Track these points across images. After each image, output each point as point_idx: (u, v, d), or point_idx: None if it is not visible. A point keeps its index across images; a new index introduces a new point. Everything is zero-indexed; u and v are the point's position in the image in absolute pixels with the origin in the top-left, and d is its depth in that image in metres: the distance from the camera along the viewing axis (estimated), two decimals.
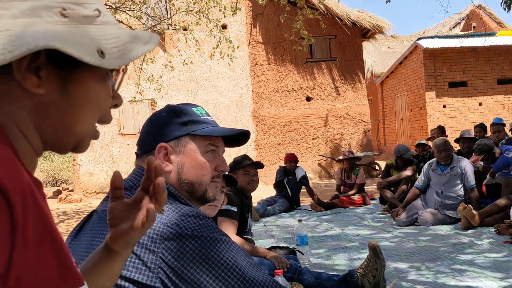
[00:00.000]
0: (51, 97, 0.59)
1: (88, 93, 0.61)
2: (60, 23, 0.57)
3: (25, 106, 0.58)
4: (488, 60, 13.28)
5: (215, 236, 1.09)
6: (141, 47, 0.63)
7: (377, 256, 2.97)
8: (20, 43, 0.52)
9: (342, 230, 5.11)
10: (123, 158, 11.07)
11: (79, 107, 0.61)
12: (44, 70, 0.57)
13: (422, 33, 20.65)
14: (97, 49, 0.57)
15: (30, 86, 0.57)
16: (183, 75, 11.25)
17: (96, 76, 0.62)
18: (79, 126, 0.62)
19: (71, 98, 0.60)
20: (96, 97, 0.63)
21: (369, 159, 11.25)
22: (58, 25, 0.56)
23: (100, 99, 0.64)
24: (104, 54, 0.58)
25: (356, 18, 11.68)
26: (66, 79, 0.59)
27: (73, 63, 0.58)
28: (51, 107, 0.59)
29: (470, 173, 5.08)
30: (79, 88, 0.60)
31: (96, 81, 0.62)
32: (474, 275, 3.15)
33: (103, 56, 0.58)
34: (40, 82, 0.57)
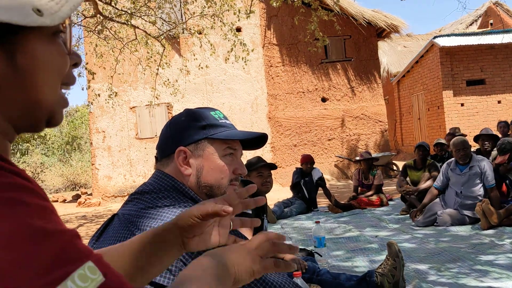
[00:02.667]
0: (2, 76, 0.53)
1: (38, 58, 0.55)
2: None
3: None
4: (507, 57, 13.08)
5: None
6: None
7: (396, 255, 2.95)
8: None
9: (360, 231, 5.08)
10: (141, 162, 11.17)
11: (34, 76, 0.55)
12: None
13: (438, 32, 20.43)
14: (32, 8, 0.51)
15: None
16: (198, 79, 11.32)
17: (42, 38, 0.56)
18: (42, 95, 0.56)
19: (23, 69, 0.54)
20: (50, 60, 0.57)
21: (387, 160, 11.16)
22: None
23: (55, 61, 0.57)
24: (42, 11, 0.52)
25: (371, 18, 11.61)
26: (10, 50, 0.53)
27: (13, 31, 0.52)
28: (6, 86, 0.53)
29: (490, 172, 5.01)
30: (27, 56, 0.54)
31: (44, 43, 0.56)
32: (496, 276, 3.11)
33: (40, 14, 0.52)
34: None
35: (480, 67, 13.04)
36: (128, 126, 11.25)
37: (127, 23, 7.51)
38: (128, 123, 11.25)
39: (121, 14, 7.55)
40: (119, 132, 11.20)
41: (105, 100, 9.54)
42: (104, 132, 11.14)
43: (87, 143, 20.83)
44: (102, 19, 7.52)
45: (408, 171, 6.61)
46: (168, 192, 1.18)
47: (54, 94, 0.58)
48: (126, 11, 7.50)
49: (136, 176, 11.16)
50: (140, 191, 1.21)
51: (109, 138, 11.16)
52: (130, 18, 7.50)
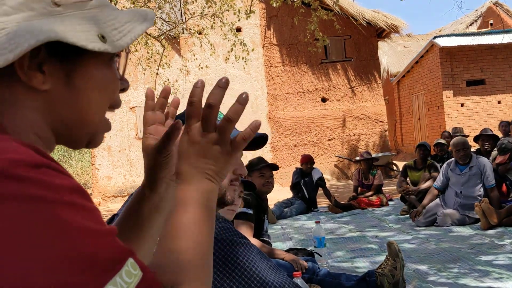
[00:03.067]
0: (57, 92, 0.56)
1: (93, 81, 0.59)
2: (55, 12, 0.55)
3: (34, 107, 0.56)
4: (506, 57, 13.08)
5: (235, 239, 1.10)
6: (140, 25, 0.61)
7: (396, 255, 2.95)
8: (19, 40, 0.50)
9: (360, 232, 5.08)
10: (141, 162, 11.16)
11: (87, 97, 0.58)
12: (47, 65, 0.55)
13: (438, 32, 20.43)
14: (97, 34, 0.55)
15: (36, 83, 0.54)
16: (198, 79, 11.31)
17: (99, 62, 0.59)
18: (90, 116, 0.60)
19: (78, 89, 0.57)
20: (103, 84, 0.60)
21: (387, 160, 11.16)
22: (53, 16, 0.54)
23: (107, 85, 0.61)
24: (105, 38, 0.56)
25: (371, 18, 11.61)
26: (69, 70, 0.57)
27: (75, 52, 0.55)
28: (59, 101, 0.57)
29: (490, 172, 5.01)
30: (84, 77, 0.58)
31: (101, 67, 0.60)
32: (496, 276, 3.11)
33: (104, 40, 0.55)
34: (44, 78, 0.55)
35: (480, 67, 13.04)
36: (128, 126, 11.25)
37: None
38: (128, 123, 11.25)
39: None
40: (119, 132, 11.20)
41: None
42: None
43: None
44: None
45: (408, 171, 6.61)
46: None
47: (101, 116, 0.62)
48: None
49: (136, 176, 11.16)
50: None
51: (109, 138, 11.16)
52: None
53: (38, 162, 0.45)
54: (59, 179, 0.45)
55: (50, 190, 0.44)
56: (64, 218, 0.43)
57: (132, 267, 0.47)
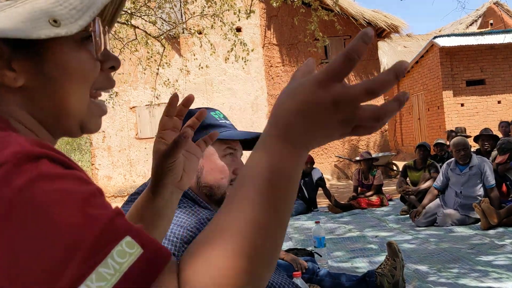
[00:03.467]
0: (32, 85, 0.55)
1: (65, 66, 0.56)
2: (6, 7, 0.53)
3: (17, 103, 0.56)
4: (506, 57, 13.07)
5: None
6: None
7: (396, 255, 2.95)
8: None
9: (360, 232, 5.07)
10: (141, 162, 11.17)
11: (61, 84, 0.57)
12: (14, 61, 0.54)
13: (438, 32, 20.43)
14: (48, 19, 0.53)
15: (9, 82, 0.54)
16: (198, 79, 11.31)
17: (69, 45, 0.57)
18: (71, 104, 0.58)
19: (50, 78, 0.56)
20: (77, 68, 0.57)
21: (387, 160, 11.16)
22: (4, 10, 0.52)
23: (82, 67, 0.58)
24: (58, 21, 0.53)
25: (371, 18, 11.61)
26: (37, 61, 0.55)
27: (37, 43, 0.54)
28: (37, 95, 0.56)
29: (490, 172, 5.01)
30: (54, 65, 0.56)
31: (71, 50, 0.57)
32: (496, 276, 3.10)
33: (57, 24, 0.53)
34: (16, 74, 0.54)
35: (480, 67, 13.04)
36: (128, 126, 11.25)
37: (127, 23, 7.51)
38: (128, 123, 11.25)
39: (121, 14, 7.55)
40: (119, 132, 11.19)
41: (106, 100, 9.52)
42: (104, 132, 11.13)
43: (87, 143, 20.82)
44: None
45: (408, 171, 6.61)
46: None
47: (82, 101, 0.59)
48: (126, 11, 7.50)
49: (136, 176, 11.16)
50: (140, 191, 1.21)
51: (109, 138, 11.16)
52: (130, 18, 7.50)
53: (38, 153, 0.45)
54: (57, 168, 0.46)
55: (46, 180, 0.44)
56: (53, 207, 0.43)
57: (128, 246, 0.45)
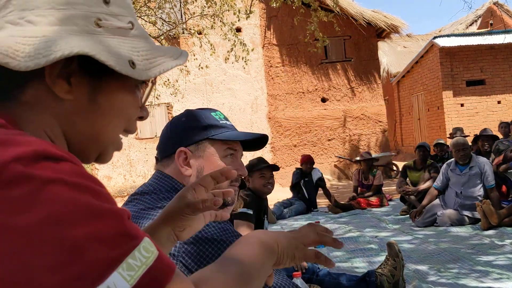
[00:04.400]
0: (79, 104, 0.59)
1: (116, 102, 0.62)
2: (95, 32, 0.58)
3: (54, 113, 0.59)
4: (506, 57, 13.07)
5: (234, 240, 1.10)
6: (171, 61, 0.64)
7: (396, 255, 2.95)
8: (54, 48, 0.53)
9: (360, 232, 5.07)
10: (141, 162, 11.17)
11: (106, 116, 0.62)
12: (75, 77, 0.58)
13: (438, 32, 20.43)
14: (128, 60, 0.58)
15: (60, 91, 0.57)
16: (198, 79, 11.32)
17: (125, 87, 0.63)
18: (105, 135, 0.63)
19: (99, 106, 0.61)
20: (124, 107, 0.64)
21: (387, 160, 11.16)
22: (93, 34, 0.58)
23: (128, 109, 0.64)
24: (135, 65, 0.59)
25: (371, 18, 11.61)
26: (95, 87, 0.60)
27: (104, 72, 0.59)
28: (79, 114, 0.60)
29: (490, 172, 5.02)
30: (108, 97, 0.61)
31: (125, 92, 0.63)
32: (496, 276, 3.11)
33: (133, 67, 0.59)
34: (70, 88, 0.58)
35: (480, 67, 13.04)
36: None
37: None
38: None
39: None
40: None
41: None
42: None
43: None
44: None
45: (408, 172, 6.61)
46: (168, 193, 1.18)
47: (114, 136, 0.65)
48: None
49: (136, 176, 11.16)
50: (140, 191, 1.21)
51: None
52: None
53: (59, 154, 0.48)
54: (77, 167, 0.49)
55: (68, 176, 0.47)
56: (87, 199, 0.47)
57: (149, 245, 0.50)
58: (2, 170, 0.45)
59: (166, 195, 1.18)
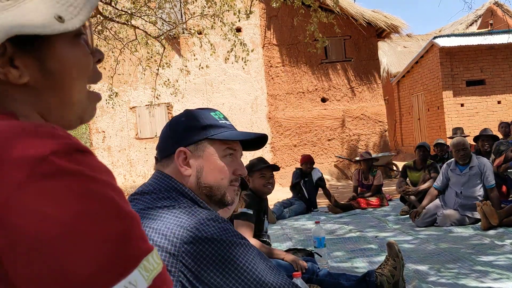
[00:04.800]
0: (36, 82, 0.57)
1: (66, 61, 0.59)
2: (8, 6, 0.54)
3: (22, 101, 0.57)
4: (506, 57, 13.08)
5: (234, 239, 1.09)
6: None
7: (396, 255, 2.95)
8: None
9: (360, 232, 5.07)
10: (141, 162, 11.17)
11: (66, 78, 0.59)
12: (18, 59, 0.55)
13: (438, 32, 20.43)
14: (54, 15, 0.54)
15: (13, 79, 0.55)
16: (198, 79, 11.31)
17: (66, 41, 0.59)
18: (75, 96, 0.61)
19: (54, 73, 0.58)
20: (76, 62, 0.60)
21: (387, 160, 11.16)
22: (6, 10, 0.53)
23: (81, 61, 0.61)
24: (62, 17, 0.55)
25: (371, 18, 11.61)
26: (40, 57, 0.57)
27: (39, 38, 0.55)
28: (41, 90, 0.58)
29: (490, 172, 5.02)
30: (56, 60, 0.58)
31: (69, 46, 0.59)
32: (496, 277, 3.10)
33: (61, 20, 0.55)
34: (19, 71, 0.55)
35: (480, 67, 13.04)
36: (128, 126, 11.25)
37: (127, 24, 7.51)
38: (128, 123, 11.25)
39: (121, 15, 7.55)
40: (119, 132, 11.20)
41: (106, 100, 9.54)
42: (104, 132, 11.14)
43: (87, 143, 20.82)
44: (102, 20, 7.52)
45: (408, 172, 6.61)
46: (167, 193, 1.18)
47: (83, 93, 0.62)
48: (126, 11, 7.50)
49: (136, 176, 11.16)
50: (140, 191, 1.21)
51: (109, 138, 11.16)
52: (130, 18, 7.49)
53: (84, 147, 0.50)
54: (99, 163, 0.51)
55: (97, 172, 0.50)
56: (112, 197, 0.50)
57: (156, 255, 0.52)
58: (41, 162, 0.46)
59: (166, 194, 1.18)
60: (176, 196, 1.18)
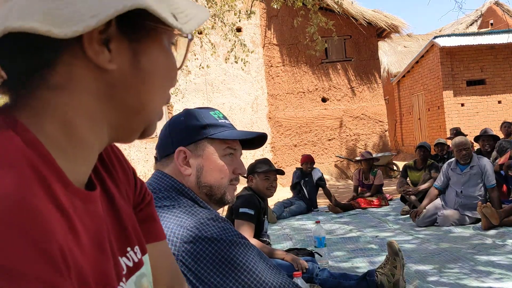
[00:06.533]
0: (123, 74, 0.51)
1: (158, 64, 0.54)
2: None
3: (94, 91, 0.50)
4: (507, 57, 13.07)
5: (234, 239, 1.09)
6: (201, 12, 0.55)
7: (396, 254, 2.94)
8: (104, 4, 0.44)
9: (360, 232, 5.07)
10: (141, 162, 11.17)
11: (152, 81, 0.53)
12: (114, 42, 0.49)
13: (438, 32, 20.42)
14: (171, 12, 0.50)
15: (103, 62, 0.48)
16: (198, 79, 11.32)
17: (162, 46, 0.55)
18: (153, 102, 0.55)
19: (144, 71, 0.52)
20: (166, 69, 0.55)
21: (387, 160, 11.16)
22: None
23: (170, 70, 0.56)
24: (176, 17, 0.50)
25: (371, 18, 11.61)
26: (136, 50, 0.51)
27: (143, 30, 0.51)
28: (123, 85, 0.51)
29: (490, 172, 5.01)
30: (150, 59, 0.53)
31: (164, 51, 0.55)
32: (497, 276, 3.10)
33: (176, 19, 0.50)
34: (111, 56, 0.49)
35: (481, 67, 13.03)
36: None
37: None
38: None
39: None
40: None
41: None
42: None
43: None
44: None
45: (409, 171, 6.60)
46: (168, 192, 1.18)
47: (161, 103, 0.57)
48: None
49: None
50: None
51: None
52: None
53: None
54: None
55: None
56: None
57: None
58: None
59: (166, 194, 1.18)
60: (176, 195, 1.18)
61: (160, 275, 0.72)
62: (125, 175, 0.67)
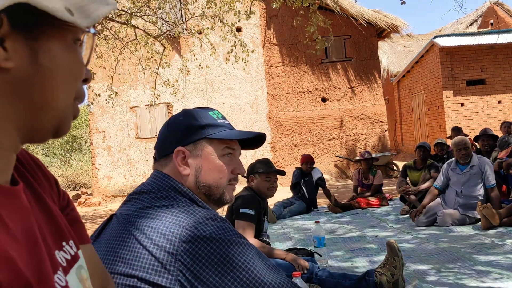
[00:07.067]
0: (21, 71, 0.50)
1: (60, 60, 0.53)
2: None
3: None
4: (507, 57, 13.07)
5: (233, 238, 1.09)
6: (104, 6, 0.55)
7: (395, 254, 2.94)
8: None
9: (360, 231, 5.07)
10: (141, 162, 11.17)
11: (54, 78, 0.53)
12: (10, 40, 0.48)
13: (438, 32, 20.42)
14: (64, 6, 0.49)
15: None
16: (198, 79, 11.31)
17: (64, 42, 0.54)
18: (58, 100, 0.54)
19: (43, 68, 0.51)
20: (69, 65, 0.54)
21: (387, 160, 11.16)
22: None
23: (74, 67, 0.55)
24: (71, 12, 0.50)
25: (371, 18, 11.61)
26: (34, 47, 0.50)
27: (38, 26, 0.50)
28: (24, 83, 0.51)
29: (490, 172, 5.01)
30: (50, 56, 0.52)
31: (66, 48, 0.54)
32: (496, 276, 3.10)
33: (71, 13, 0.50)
34: (7, 54, 0.48)
35: (480, 67, 13.03)
36: (128, 126, 11.25)
37: (127, 23, 7.50)
38: (128, 123, 11.25)
39: (121, 14, 7.55)
40: (119, 132, 11.19)
41: (105, 100, 9.54)
42: (104, 132, 11.14)
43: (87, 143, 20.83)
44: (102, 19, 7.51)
45: (408, 171, 6.60)
46: (166, 192, 1.18)
47: (68, 100, 0.56)
48: (126, 11, 7.50)
49: (136, 176, 11.16)
50: (139, 191, 1.21)
51: (109, 138, 11.16)
52: (130, 18, 7.49)
53: None
54: None
55: None
56: None
57: None
58: None
59: (165, 194, 1.18)
60: (174, 195, 1.18)
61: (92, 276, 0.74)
62: (47, 180, 0.68)
